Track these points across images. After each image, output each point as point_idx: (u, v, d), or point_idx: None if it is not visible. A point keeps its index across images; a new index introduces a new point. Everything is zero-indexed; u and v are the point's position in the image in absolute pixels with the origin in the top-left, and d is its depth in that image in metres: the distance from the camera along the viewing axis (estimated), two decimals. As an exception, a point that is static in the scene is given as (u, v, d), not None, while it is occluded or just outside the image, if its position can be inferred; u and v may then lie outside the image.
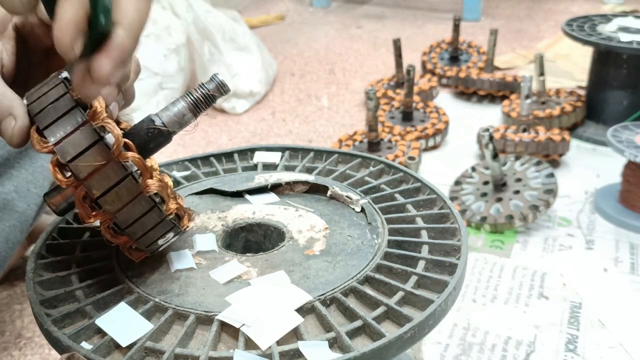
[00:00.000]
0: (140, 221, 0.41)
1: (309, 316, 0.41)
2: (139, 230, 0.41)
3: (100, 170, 0.38)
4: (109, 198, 0.39)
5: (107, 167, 0.38)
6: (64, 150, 0.38)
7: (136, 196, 0.40)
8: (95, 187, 0.38)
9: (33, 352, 0.81)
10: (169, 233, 0.43)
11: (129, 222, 0.40)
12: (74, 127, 0.38)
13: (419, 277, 0.45)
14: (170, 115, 0.43)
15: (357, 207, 0.54)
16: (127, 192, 0.39)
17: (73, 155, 0.38)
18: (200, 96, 0.43)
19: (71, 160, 0.38)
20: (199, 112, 0.44)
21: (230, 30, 1.61)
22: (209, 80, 0.44)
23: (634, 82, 1.33)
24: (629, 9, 2.40)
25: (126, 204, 0.39)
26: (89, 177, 0.38)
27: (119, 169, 0.39)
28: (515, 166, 1.13)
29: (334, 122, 1.52)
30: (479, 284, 0.92)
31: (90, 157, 0.38)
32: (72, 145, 0.38)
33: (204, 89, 0.44)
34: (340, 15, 2.54)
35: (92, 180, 0.38)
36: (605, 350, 0.79)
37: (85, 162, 0.38)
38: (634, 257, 0.98)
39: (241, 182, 0.58)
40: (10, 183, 0.75)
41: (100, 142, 0.38)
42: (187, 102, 0.43)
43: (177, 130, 0.44)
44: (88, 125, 0.38)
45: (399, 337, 0.38)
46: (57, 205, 0.42)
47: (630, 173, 1.06)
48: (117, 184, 0.39)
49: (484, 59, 1.68)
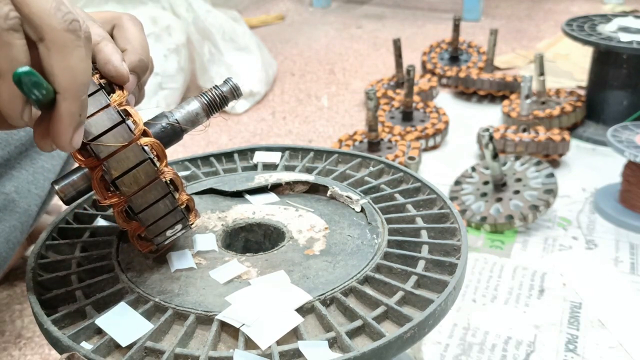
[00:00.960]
0: (154, 207, 0.41)
1: (309, 316, 0.41)
2: (151, 216, 0.42)
3: (121, 151, 0.39)
4: (126, 180, 0.39)
5: (128, 148, 0.39)
6: (86, 129, 0.38)
7: (153, 180, 0.40)
8: (115, 167, 0.39)
9: (33, 352, 0.81)
10: (177, 224, 0.44)
11: (142, 206, 0.41)
12: (97, 108, 0.39)
13: (419, 277, 0.45)
14: (183, 113, 0.44)
15: (357, 207, 0.54)
16: (144, 175, 0.40)
17: (95, 134, 0.38)
18: (214, 97, 0.45)
19: (93, 139, 0.38)
20: (212, 113, 0.45)
21: (230, 30, 1.61)
22: (223, 82, 0.45)
23: (634, 82, 1.33)
24: (629, 9, 2.40)
25: (143, 187, 0.40)
26: (109, 158, 0.39)
27: (139, 151, 0.39)
28: (515, 166, 1.13)
29: (334, 122, 1.52)
30: (479, 284, 0.92)
31: (112, 137, 0.38)
32: (94, 125, 0.38)
33: (218, 91, 0.45)
34: (340, 15, 2.54)
35: (111, 161, 0.39)
36: (605, 350, 0.79)
37: (107, 142, 0.38)
38: (634, 257, 0.98)
39: (241, 182, 0.58)
40: (11, 184, 0.75)
41: (122, 124, 0.39)
42: (201, 103, 0.45)
43: (190, 128, 0.45)
44: (111, 107, 0.39)
45: (399, 337, 0.38)
46: (65, 193, 0.42)
47: (630, 173, 1.06)
48: (135, 166, 0.39)
49: (484, 59, 1.68)
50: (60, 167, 0.82)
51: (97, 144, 0.38)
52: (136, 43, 0.43)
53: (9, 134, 0.75)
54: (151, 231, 0.43)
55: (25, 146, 0.77)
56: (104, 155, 0.39)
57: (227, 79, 0.46)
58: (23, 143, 0.77)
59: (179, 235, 0.46)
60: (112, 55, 0.41)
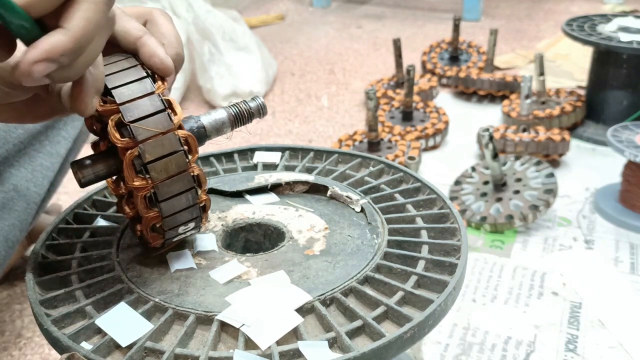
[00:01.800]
0: (176, 198, 0.42)
1: (309, 316, 0.41)
2: (171, 207, 0.42)
3: (158, 137, 0.40)
4: (158, 166, 0.40)
5: (165, 136, 0.40)
6: (130, 111, 0.40)
7: (182, 172, 0.41)
8: (149, 152, 0.40)
9: (33, 352, 0.81)
10: (191, 222, 0.45)
11: (167, 195, 0.42)
12: (142, 93, 0.40)
13: (419, 277, 0.45)
14: (210, 120, 0.46)
15: (357, 207, 0.54)
16: (175, 165, 0.41)
17: (137, 117, 0.40)
18: (241, 111, 0.47)
19: (134, 121, 0.39)
20: (236, 126, 0.47)
21: (230, 30, 1.61)
22: (251, 99, 0.48)
23: (634, 82, 1.33)
24: (629, 9, 2.40)
25: (171, 176, 0.41)
26: (146, 141, 0.40)
27: (175, 141, 0.41)
28: (515, 166, 1.13)
29: (334, 122, 1.52)
30: (479, 283, 0.92)
31: (152, 122, 0.40)
32: (138, 108, 0.40)
33: (247, 106, 0.47)
34: (340, 15, 2.54)
35: (147, 145, 0.40)
36: (605, 350, 0.79)
37: (147, 126, 0.40)
38: (634, 257, 0.98)
39: (241, 182, 0.58)
40: (10, 182, 0.75)
41: (164, 112, 0.40)
42: (228, 113, 0.47)
43: (213, 135, 0.46)
44: (156, 94, 0.41)
45: (399, 337, 0.38)
46: (84, 175, 0.43)
47: (630, 173, 1.06)
48: (169, 154, 0.41)
49: (484, 59, 1.68)
50: (59, 165, 0.82)
51: (137, 126, 0.39)
52: (172, 37, 0.44)
53: (8, 132, 0.75)
54: (167, 223, 0.43)
55: (24, 144, 0.77)
56: (142, 138, 0.40)
57: (255, 96, 0.48)
58: (21, 141, 0.77)
59: (189, 235, 0.47)
60: (157, 48, 0.42)
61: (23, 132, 0.76)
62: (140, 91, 0.40)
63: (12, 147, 0.76)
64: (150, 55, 0.42)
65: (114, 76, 0.41)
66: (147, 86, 0.41)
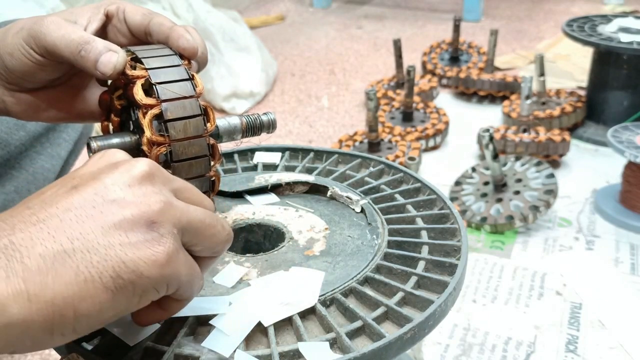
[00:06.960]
0: (190, 162, 0.44)
1: (309, 316, 0.41)
2: (184, 170, 0.44)
3: (181, 99, 0.43)
4: (177, 125, 0.43)
5: (187, 100, 0.44)
6: (157, 75, 0.43)
7: (199, 136, 0.44)
8: (172, 111, 0.43)
9: (33, 352, 0.81)
10: None
11: (181, 157, 0.44)
12: (170, 64, 0.44)
13: (419, 278, 0.45)
14: (225, 124, 0.49)
15: (357, 207, 0.54)
16: (194, 127, 0.44)
17: (164, 80, 0.43)
18: (254, 121, 0.50)
19: (161, 83, 0.43)
20: (247, 134, 0.50)
21: (230, 31, 1.61)
22: (264, 113, 0.51)
23: (634, 83, 1.33)
24: (629, 10, 2.40)
25: (188, 138, 0.44)
26: (170, 101, 0.43)
27: (196, 105, 0.44)
28: (516, 167, 1.13)
29: (334, 123, 1.52)
30: (479, 284, 0.92)
31: (177, 87, 0.44)
32: (164, 74, 0.44)
33: (259, 119, 0.50)
34: (340, 16, 2.54)
35: (170, 105, 0.43)
36: (605, 351, 0.79)
37: (172, 89, 0.43)
38: (634, 257, 0.98)
39: (241, 183, 0.58)
40: (11, 184, 0.75)
41: (188, 81, 0.44)
42: (242, 121, 0.49)
43: (225, 139, 0.49)
44: (182, 66, 0.44)
45: (399, 338, 0.38)
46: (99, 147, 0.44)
47: (630, 173, 1.06)
48: (189, 117, 0.44)
49: (484, 60, 1.68)
50: (60, 167, 0.82)
51: (163, 88, 0.43)
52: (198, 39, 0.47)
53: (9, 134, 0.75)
54: None
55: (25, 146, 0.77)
56: (166, 98, 0.43)
57: (268, 112, 0.51)
58: (23, 143, 0.77)
59: None
60: (185, 32, 0.46)
61: (24, 135, 0.77)
62: (168, 62, 0.44)
63: (13, 149, 0.76)
64: (179, 37, 0.46)
65: (145, 51, 0.45)
66: (175, 60, 0.44)
